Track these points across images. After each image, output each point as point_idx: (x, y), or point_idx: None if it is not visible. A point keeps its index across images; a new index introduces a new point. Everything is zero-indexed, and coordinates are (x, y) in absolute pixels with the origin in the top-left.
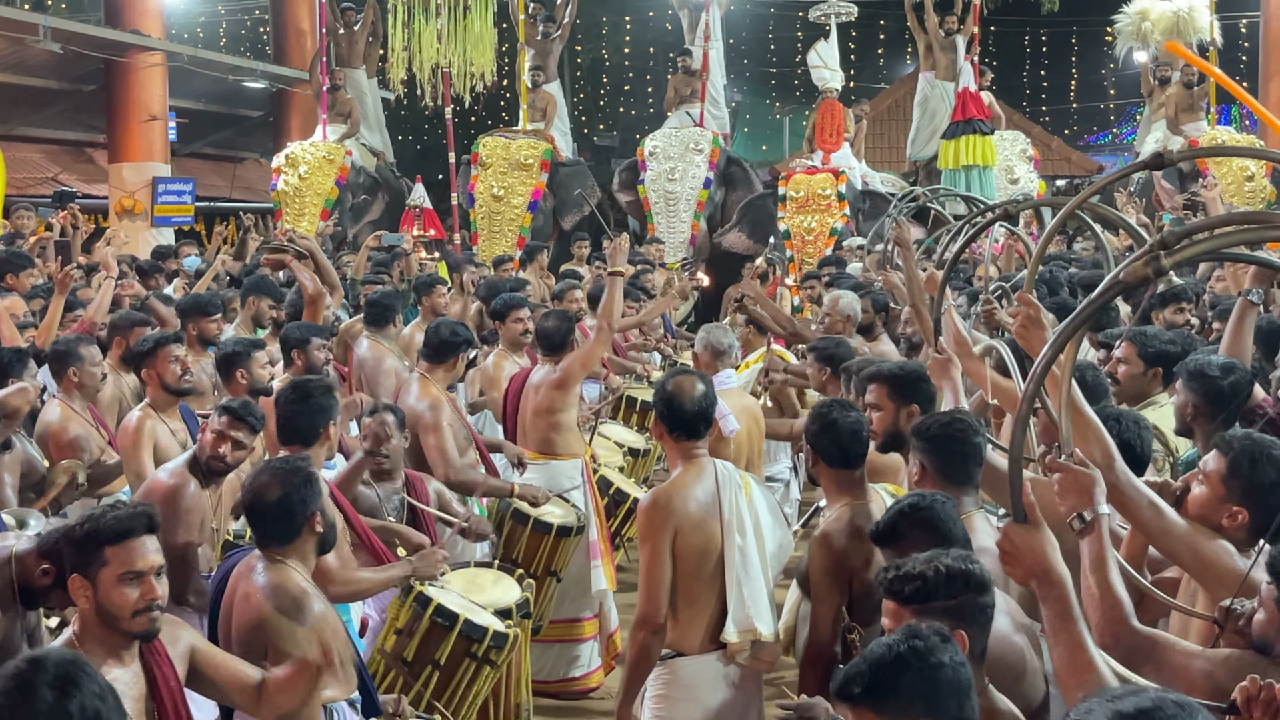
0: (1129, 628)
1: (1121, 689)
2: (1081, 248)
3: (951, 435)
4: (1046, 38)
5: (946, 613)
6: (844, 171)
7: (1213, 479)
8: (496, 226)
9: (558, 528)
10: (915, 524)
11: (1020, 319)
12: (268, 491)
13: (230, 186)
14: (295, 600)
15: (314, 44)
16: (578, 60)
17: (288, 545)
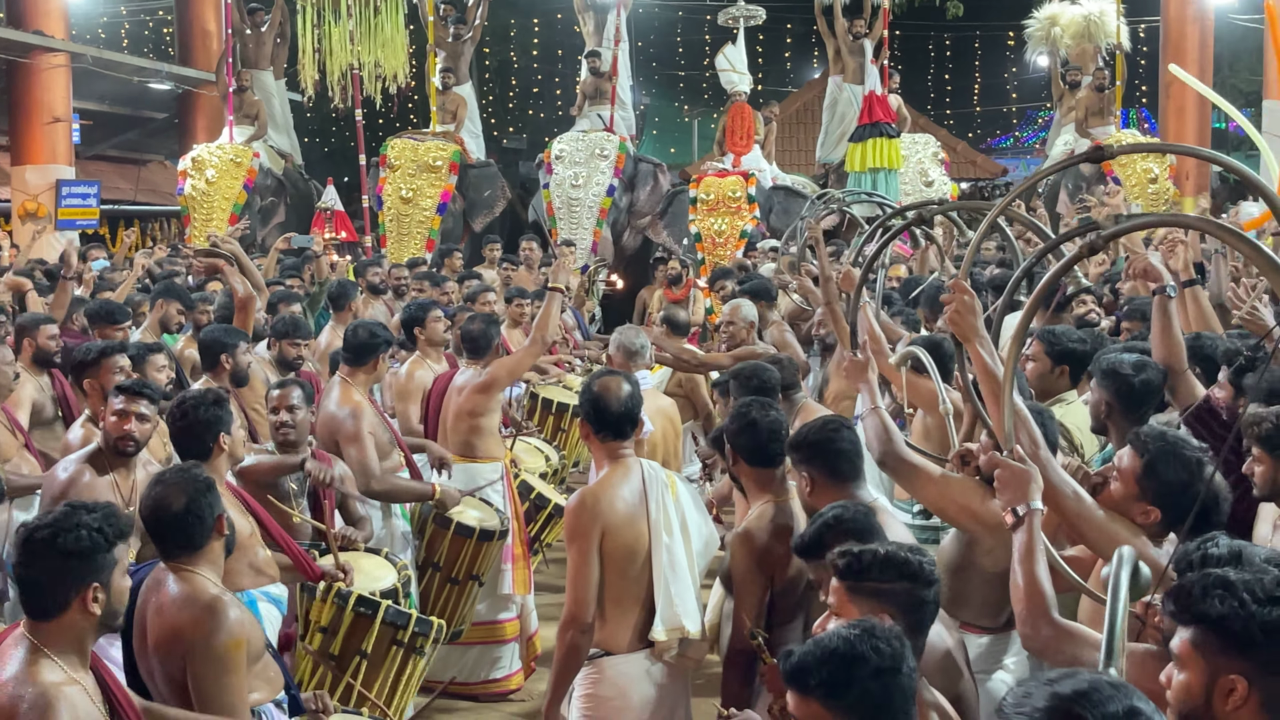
0: (1050, 620)
1: (1058, 672)
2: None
3: (828, 438)
4: (951, 42)
5: (876, 595)
6: (754, 174)
7: (1127, 477)
8: (405, 229)
9: (480, 531)
10: (839, 535)
11: (955, 305)
12: (171, 502)
13: (135, 189)
14: (210, 608)
15: (220, 45)
16: (486, 62)
17: (196, 553)
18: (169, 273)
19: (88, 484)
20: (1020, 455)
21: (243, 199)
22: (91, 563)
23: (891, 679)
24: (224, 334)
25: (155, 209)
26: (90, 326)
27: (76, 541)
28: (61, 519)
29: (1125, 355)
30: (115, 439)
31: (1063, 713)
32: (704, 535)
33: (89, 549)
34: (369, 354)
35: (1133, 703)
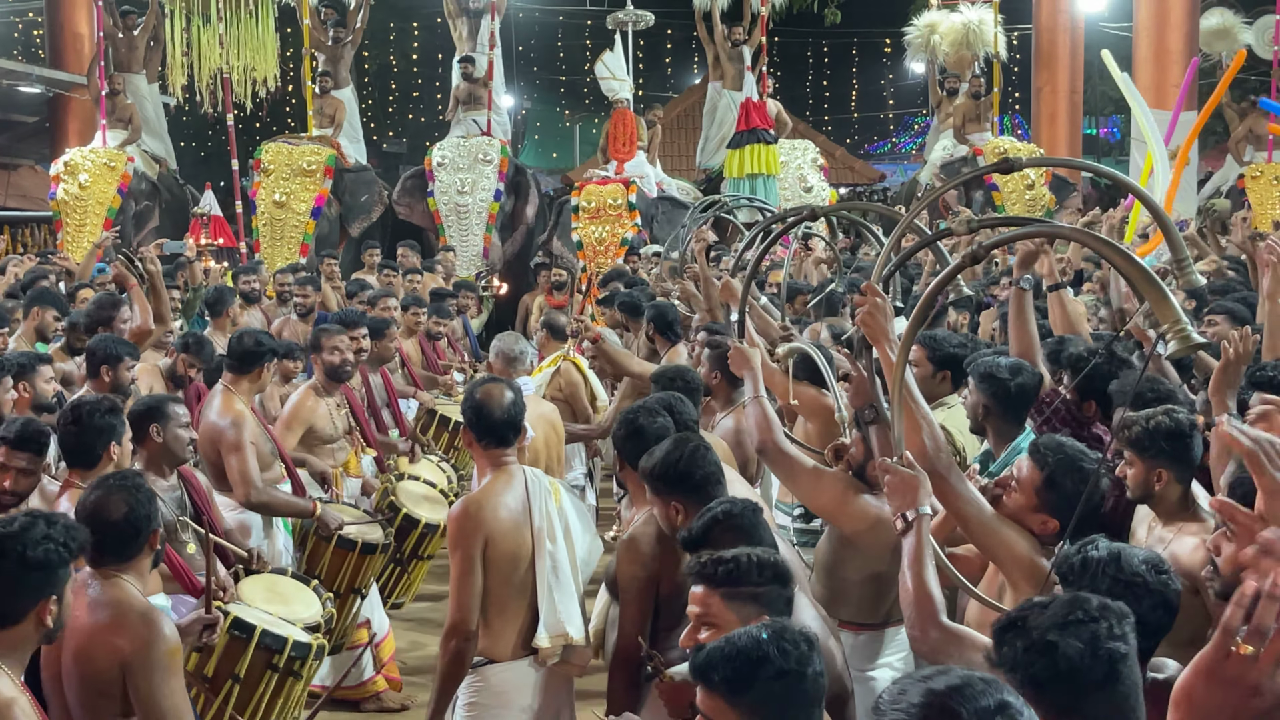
0: (938, 624)
1: (932, 669)
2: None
3: (690, 470)
4: (829, 48)
5: (755, 599)
6: (635, 181)
7: (1026, 488)
8: (279, 233)
9: (362, 544)
10: (727, 530)
11: (867, 308)
12: (111, 510)
13: (4, 194)
14: (145, 618)
15: (92, 48)
16: (365, 66)
17: (126, 563)
18: (38, 275)
19: None
20: (909, 461)
21: (117, 203)
22: (53, 575)
23: (796, 681)
24: (113, 344)
25: (25, 214)
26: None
27: (43, 553)
28: (26, 529)
29: (1001, 359)
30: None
31: (937, 708)
32: (586, 542)
33: (53, 561)
34: (254, 362)
35: (1004, 697)
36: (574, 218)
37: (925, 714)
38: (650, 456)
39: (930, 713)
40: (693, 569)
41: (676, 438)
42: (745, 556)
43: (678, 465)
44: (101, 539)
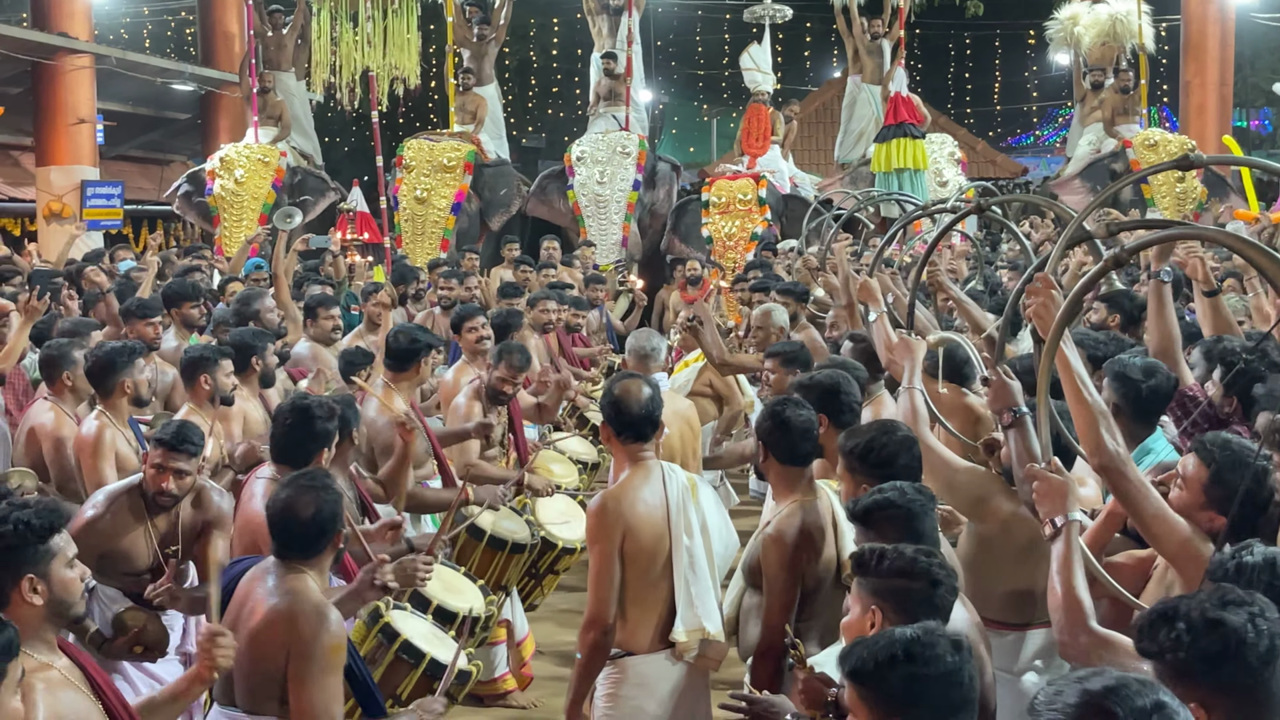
0: (1088, 629)
1: (1086, 670)
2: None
3: (894, 455)
4: (970, 41)
5: (875, 591)
6: (765, 176)
7: (1192, 485)
8: (420, 229)
9: (512, 544)
10: (890, 517)
11: (1041, 301)
12: (300, 509)
13: (158, 189)
14: (318, 610)
15: (242, 46)
16: (506, 62)
17: (309, 559)
18: (187, 269)
19: (103, 530)
20: (1057, 466)
21: (271, 198)
22: (20, 555)
23: (942, 685)
24: (253, 336)
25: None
26: (125, 321)
27: (4, 535)
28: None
29: (1135, 360)
30: (154, 493)
31: (1094, 708)
32: (724, 537)
33: (17, 542)
34: (412, 359)
35: (1159, 697)
36: (704, 213)
37: (1081, 714)
38: (854, 434)
39: (1086, 713)
40: (853, 558)
41: (884, 422)
42: (874, 550)
43: (884, 449)
44: (289, 534)
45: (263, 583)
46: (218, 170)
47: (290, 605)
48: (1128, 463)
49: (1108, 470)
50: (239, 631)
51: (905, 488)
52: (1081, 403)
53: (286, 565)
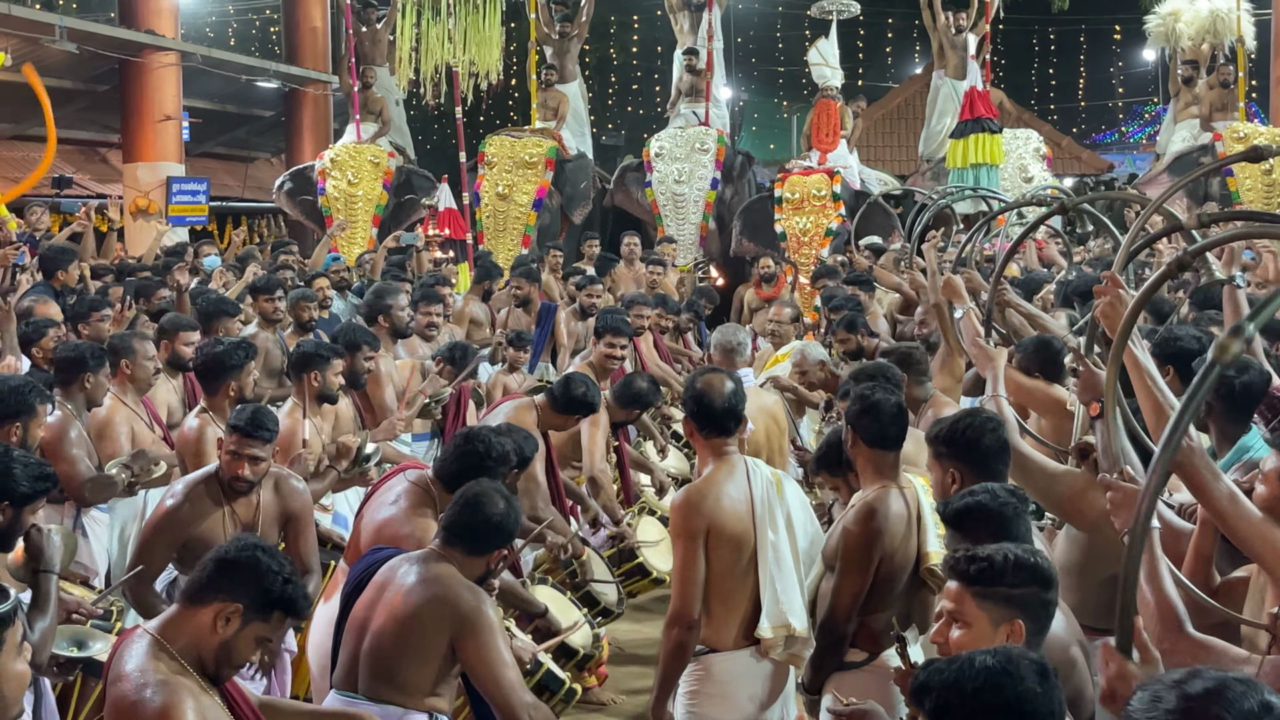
0: (1185, 635)
1: (1182, 672)
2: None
3: (978, 437)
4: (1055, 35)
5: (1009, 601)
6: (839, 171)
7: (1272, 480)
8: (502, 225)
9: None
10: (982, 519)
11: (1109, 299)
12: (490, 504)
13: (242, 186)
14: (470, 586)
15: (325, 43)
16: (586, 59)
17: (469, 557)
18: (278, 266)
19: (184, 517)
20: (1130, 475)
21: (384, 200)
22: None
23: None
24: (355, 332)
25: (262, 206)
26: (204, 321)
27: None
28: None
29: None
30: (229, 478)
31: (1198, 714)
32: (809, 532)
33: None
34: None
35: (1265, 697)
36: (777, 209)
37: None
38: (940, 421)
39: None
40: (947, 562)
41: (970, 409)
42: (1002, 555)
43: (966, 432)
44: (466, 525)
45: (409, 570)
46: (329, 170)
47: (444, 588)
48: (1205, 463)
49: (1182, 466)
50: (374, 617)
51: (997, 490)
52: (1153, 401)
53: (438, 555)
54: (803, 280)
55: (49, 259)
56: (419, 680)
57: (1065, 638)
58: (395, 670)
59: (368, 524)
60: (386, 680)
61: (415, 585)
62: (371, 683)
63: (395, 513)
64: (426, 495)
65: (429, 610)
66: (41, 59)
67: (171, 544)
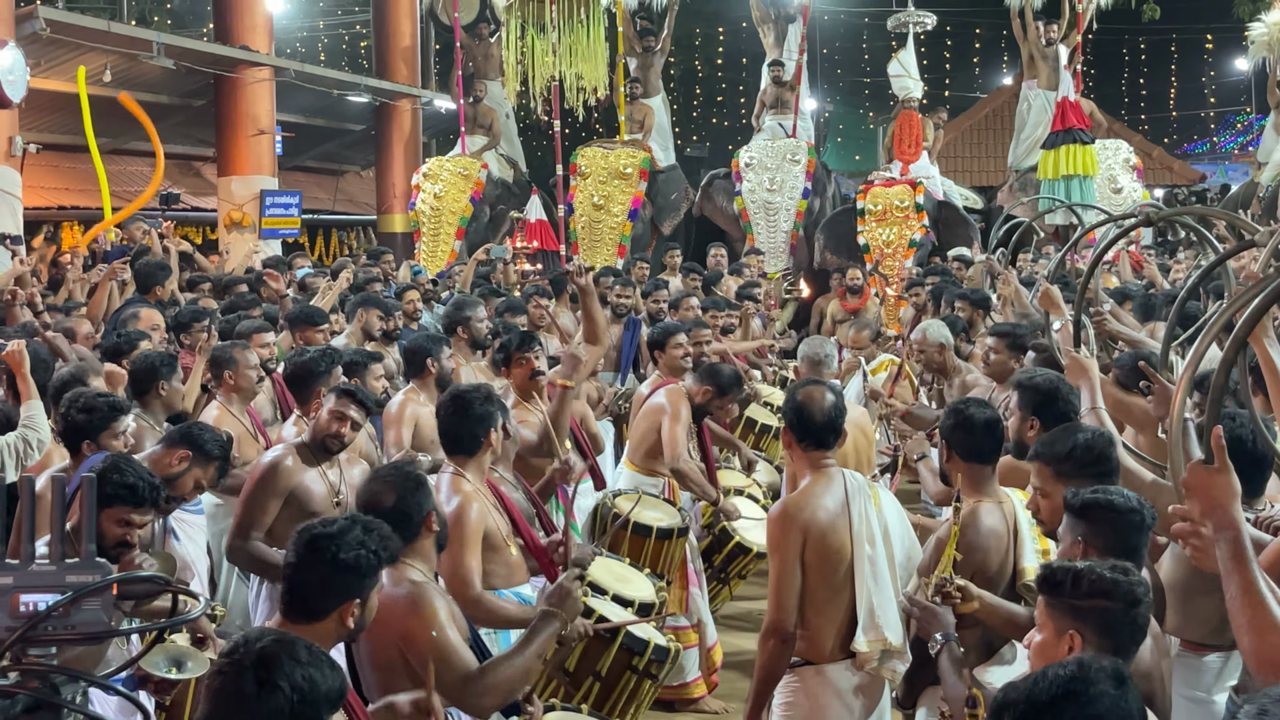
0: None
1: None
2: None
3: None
4: (1145, 45)
5: (1074, 612)
6: (921, 182)
7: None
8: (597, 235)
9: (658, 530)
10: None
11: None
12: (382, 498)
13: (333, 199)
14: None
15: (415, 57)
16: (671, 71)
17: (407, 547)
18: (368, 279)
19: (290, 467)
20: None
21: (469, 212)
22: (360, 580)
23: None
24: (428, 340)
25: (352, 218)
26: (291, 329)
27: (355, 557)
28: (343, 532)
29: None
30: (325, 436)
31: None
32: (906, 545)
33: (363, 566)
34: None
35: None
36: (860, 221)
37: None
38: (1054, 439)
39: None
40: (1043, 577)
41: (1092, 428)
42: (1068, 567)
43: (1091, 449)
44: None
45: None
46: (422, 184)
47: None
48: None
49: None
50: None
51: (1132, 497)
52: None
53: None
54: (890, 292)
55: (144, 274)
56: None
57: (1142, 653)
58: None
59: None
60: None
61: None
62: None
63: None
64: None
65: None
66: (139, 75)
67: (278, 495)
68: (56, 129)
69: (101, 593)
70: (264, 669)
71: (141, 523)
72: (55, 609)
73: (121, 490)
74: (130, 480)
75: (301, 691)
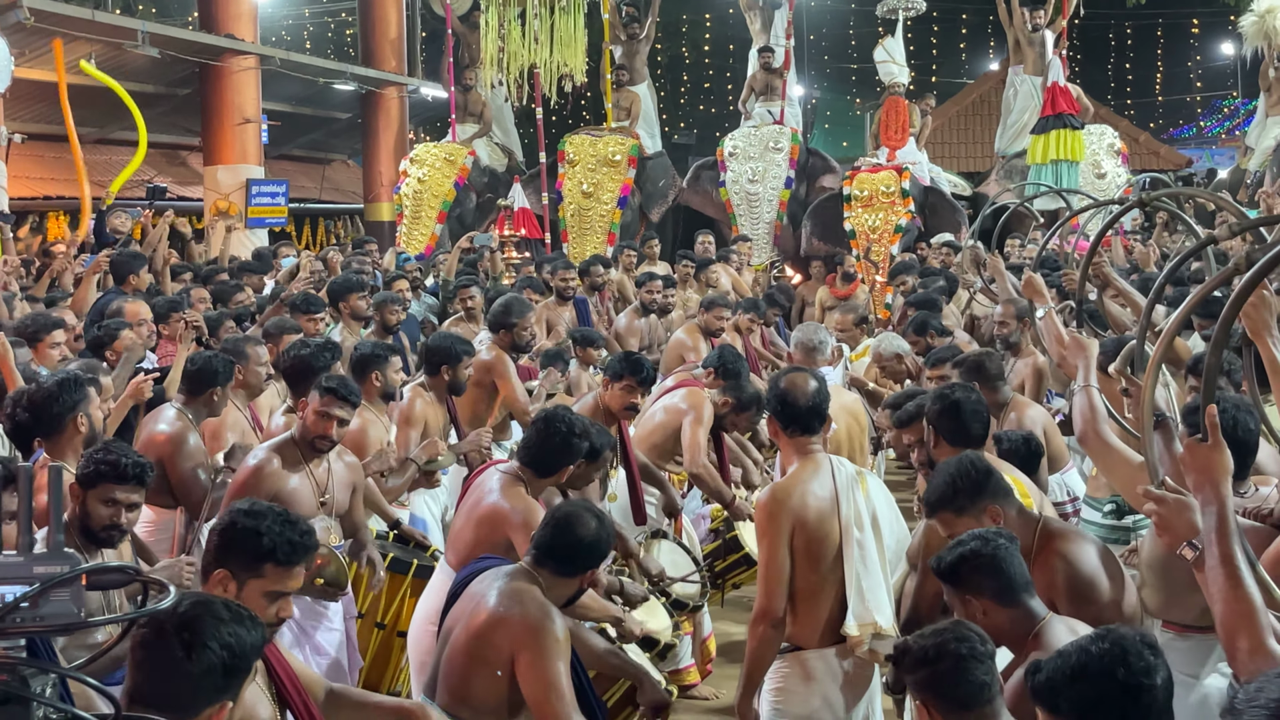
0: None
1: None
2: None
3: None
4: (1132, 30)
5: (915, 686)
6: (908, 168)
7: None
8: (587, 223)
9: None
10: (976, 569)
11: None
12: (581, 525)
13: (319, 188)
14: (541, 605)
15: (402, 45)
16: (658, 59)
17: (558, 578)
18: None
19: (273, 472)
20: (1172, 486)
21: (451, 196)
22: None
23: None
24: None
25: (339, 207)
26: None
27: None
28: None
29: None
30: (314, 437)
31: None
32: (895, 530)
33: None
34: None
35: None
36: (845, 207)
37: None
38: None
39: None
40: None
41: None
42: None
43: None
44: (561, 547)
45: (493, 584)
46: (408, 169)
47: (517, 604)
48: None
49: None
50: (455, 629)
51: (987, 535)
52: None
53: (525, 572)
54: (878, 278)
55: (120, 264)
56: (487, 699)
57: None
58: (466, 686)
59: (467, 518)
60: (459, 697)
61: (494, 600)
62: (447, 697)
63: (494, 498)
64: (518, 480)
65: (498, 626)
66: (124, 64)
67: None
68: (41, 119)
69: (70, 583)
70: (189, 631)
71: (128, 501)
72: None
73: (103, 467)
74: (113, 457)
75: (230, 648)
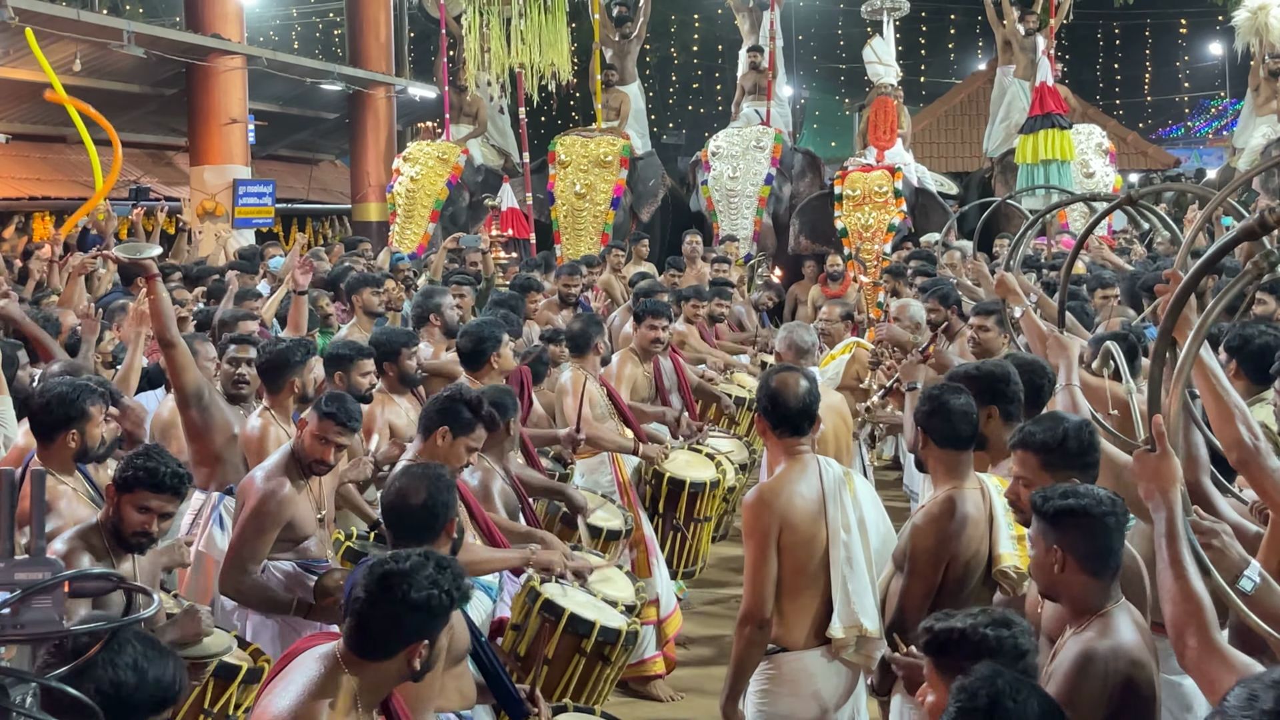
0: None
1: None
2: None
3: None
4: (1120, 30)
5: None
6: (900, 168)
7: None
8: (580, 224)
9: (607, 531)
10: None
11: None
12: (411, 495)
13: (307, 188)
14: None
15: (389, 45)
16: (647, 59)
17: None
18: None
19: (286, 497)
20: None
21: (444, 195)
22: (431, 620)
23: None
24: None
25: (326, 207)
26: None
27: (426, 597)
28: (415, 569)
29: None
30: (311, 461)
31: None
32: (882, 532)
33: (434, 606)
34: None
35: None
36: (836, 206)
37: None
38: (1042, 428)
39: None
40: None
41: (1074, 417)
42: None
43: (1080, 441)
44: (401, 522)
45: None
46: (401, 168)
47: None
48: (1269, 455)
49: (1247, 465)
50: None
51: (1104, 496)
52: (1217, 398)
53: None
54: (863, 279)
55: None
56: None
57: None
58: None
59: None
60: None
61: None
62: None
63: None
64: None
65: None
66: (110, 64)
67: (278, 526)
68: (26, 119)
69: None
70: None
71: (162, 510)
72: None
73: (141, 473)
74: (152, 464)
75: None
